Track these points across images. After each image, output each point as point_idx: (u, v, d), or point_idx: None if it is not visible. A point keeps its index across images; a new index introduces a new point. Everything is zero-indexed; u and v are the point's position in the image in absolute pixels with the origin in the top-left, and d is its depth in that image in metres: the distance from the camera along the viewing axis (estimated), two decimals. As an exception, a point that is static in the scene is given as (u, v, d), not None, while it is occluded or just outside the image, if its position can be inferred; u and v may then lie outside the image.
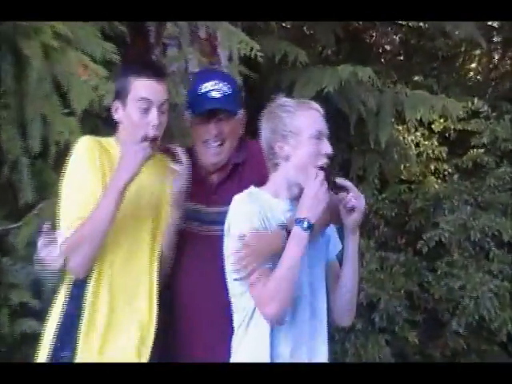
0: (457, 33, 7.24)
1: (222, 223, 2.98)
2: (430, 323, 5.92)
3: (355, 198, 2.92)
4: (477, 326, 5.77)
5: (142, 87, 3.08)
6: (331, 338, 5.11)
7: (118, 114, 3.15)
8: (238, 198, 2.96)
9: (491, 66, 9.49)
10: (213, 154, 3.36)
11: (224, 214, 2.99)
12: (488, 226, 6.16)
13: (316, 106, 3.03)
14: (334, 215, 2.96)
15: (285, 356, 2.89)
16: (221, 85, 3.38)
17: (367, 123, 6.25)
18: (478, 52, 9.03)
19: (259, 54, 4.82)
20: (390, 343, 5.56)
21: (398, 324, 5.67)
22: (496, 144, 6.87)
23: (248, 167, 3.39)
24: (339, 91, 5.85)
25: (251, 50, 4.83)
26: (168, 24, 5.35)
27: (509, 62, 9.62)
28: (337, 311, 3.09)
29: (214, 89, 3.36)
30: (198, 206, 3.37)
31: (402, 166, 6.90)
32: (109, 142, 3.19)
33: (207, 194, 3.39)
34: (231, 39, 5.00)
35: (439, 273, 6.08)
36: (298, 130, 2.93)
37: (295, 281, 2.82)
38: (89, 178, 3.03)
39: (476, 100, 7.07)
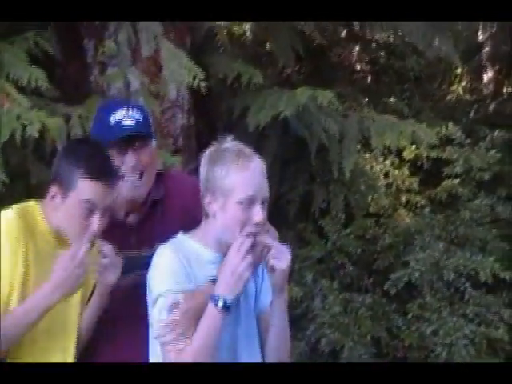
0: (431, 52, 7.19)
1: (144, 267, 2.90)
2: (400, 373, 5.77)
3: (275, 257, 2.81)
4: (450, 376, 5.63)
5: (88, 188, 2.93)
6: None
7: (55, 201, 2.97)
8: (160, 252, 2.86)
9: (470, 87, 9.56)
10: (131, 188, 3.20)
11: (145, 258, 2.95)
12: (463, 264, 6.09)
13: (258, 162, 2.88)
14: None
15: None
16: (132, 112, 3.26)
17: (330, 151, 6.16)
18: (455, 72, 9.09)
19: (202, 83, 4.72)
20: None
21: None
22: (471, 174, 6.80)
23: (169, 204, 3.28)
24: (298, 116, 5.79)
25: (194, 78, 4.72)
26: (107, 41, 5.29)
27: (489, 83, 9.71)
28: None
29: (125, 116, 3.24)
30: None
31: (370, 198, 6.87)
32: (35, 216, 3.02)
33: (124, 237, 3.23)
34: (174, 63, 4.96)
35: (410, 316, 6.00)
36: (228, 191, 2.80)
37: (213, 353, 2.77)
38: (6, 267, 2.90)
39: (451, 125, 6.98)
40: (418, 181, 7.08)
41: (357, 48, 7.73)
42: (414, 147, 7.03)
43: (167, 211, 3.25)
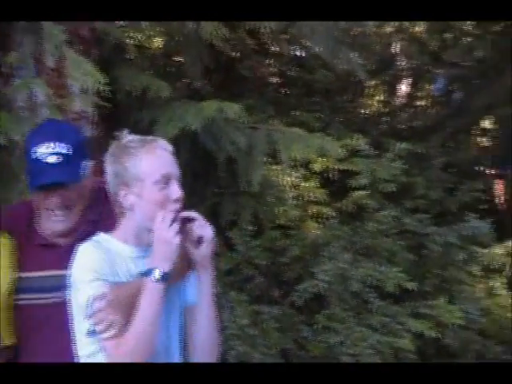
0: (339, 66, 7.29)
1: None
2: (307, 384, 5.79)
3: (201, 227, 2.83)
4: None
5: None
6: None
7: None
8: (81, 249, 2.83)
9: (379, 100, 9.69)
10: (57, 221, 3.10)
11: None
12: (369, 275, 6.16)
13: (163, 144, 2.91)
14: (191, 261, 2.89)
15: None
16: (58, 147, 3.05)
17: (238, 163, 6.19)
18: (365, 85, 9.18)
19: (107, 88, 4.66)
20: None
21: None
22: (377, 185, 6.86)
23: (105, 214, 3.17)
24: (206, 129, 5.79)
25: (99, 83, 4.68)
26: (12, 52, 5.21)
27: (399, 96, 9.86)
28: (199, 352, 3.01)
29: (49, 153, 3.03)
30: (46, 272, 3.13)
31: (278, 210, 6.85)
32: None
33: (54, 256, 3.13)
34: (78, 71, 4.91)
35: (317, 327, 6.02)
36: (142, 177, 2.81)
37: (155, 334, 2.77)
38: None
39: (358, 137, 7.05)
40: (327, 192, 7.09)
41: (266, 61, 7.73)
42: (323, 159, 7.05)
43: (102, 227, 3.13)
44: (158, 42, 6.70)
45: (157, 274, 2.73)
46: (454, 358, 6.50)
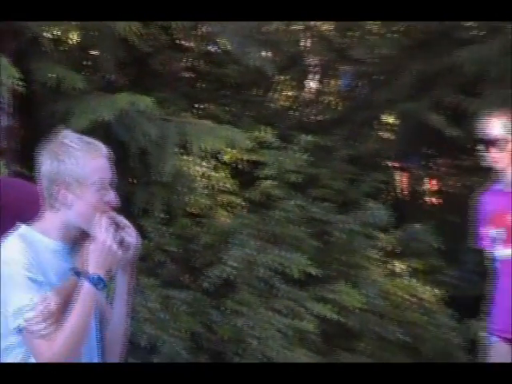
0: (248, 61, 7.34)
1: None
2: (216, 365, 5.86)
3: (130, 234, 2.83)
4: (263, 367, 5.75)
5: None
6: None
7: None
8: (5, 244, 2.78)
9: (288, 95, 9.73)
10: None
11: None
12: (276, 261, 6.23)
13: (102, 149, 2.86)
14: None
15: None
16: None
17: (150, 154, 6.23)
18: (275, 81, 9.23)
19: (21, 82, 4.66)
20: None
21: (181, 367, 5.57)
22: (284, 176, 6.93)
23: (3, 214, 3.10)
24: (119, 121, 5.83)
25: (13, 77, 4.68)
26: None
27: (306, 91, 9.92)
28: (108, 351, 2.98)
29: None
30: None
31: (189, 199, 6.85)
32: None
33: None
34: None
35: (226, 312, 6.08)
36: (83, 179, 2.78)
37: (86, 336, 2.75)
38: None
39: (266, 130, 7.13)
40: (236, 182, 7.13)
41: (178, 56, 7.74)
42: (232, 151, 7.07)
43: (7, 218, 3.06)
44: (74, 36, 6.63)
45: (96, 279, 2.72)
46: (355, 340, 6.65)
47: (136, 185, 6.57)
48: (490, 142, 4.70)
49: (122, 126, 5.97)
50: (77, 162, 2.79)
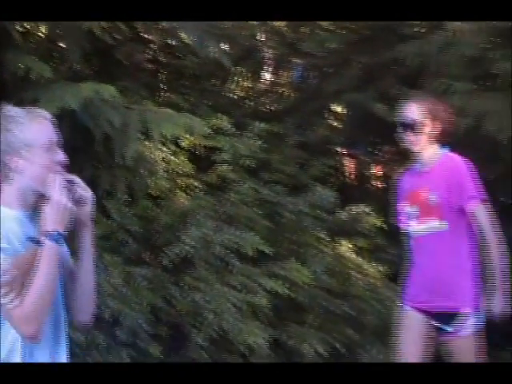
0: (205, 53, 7.38)
1: None
2: (174, 337, 5.89)
3: (82, 189, 2.87)
4: (219, 339, 5.80)
5: None
6: (74, 355, 4.98)
7: None
8: None
9: (243, 85, 9.74)
10: None
11: None
12: (231, 240, 6.25)
13: (44, 113, 2.90)
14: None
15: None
16: None
17: (114, 140, 6.20)
18: (232, 72, 9.23)
19: None
20: (133, 357, 5.47)
21: (142, 338, 5.59)
22: (238, 160, 6.98)
23: None
24: (84, 108, 5.78)
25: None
26: None
27: (261, 82, 9.94)
28: (77, 311, 2.98)
29: None
30: None
31: (150, 182, 6.81)
32: None
33: None
34: None
35: (184, 287, 6.07)
36: (30, 143, 2.80)
37: (53, 297, 2.74)
38: None
39: (222, 118, 7.15)
40: (194, 167, 7.15)
41: (140, 48, 7.72)
42: (191, 137, 7.07)
43: None
44: (42, 29, 6.59)
45: (55, 235, 2.72)
46: (304, 313, 6.68)
47: (100, 169, 6.51)
48: (408, 126, 4.77)
49: (86, 113, 5.93)
50: (23, 128, 2.80)
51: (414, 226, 4.84)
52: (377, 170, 9.66)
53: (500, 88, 6.79)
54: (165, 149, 7.02)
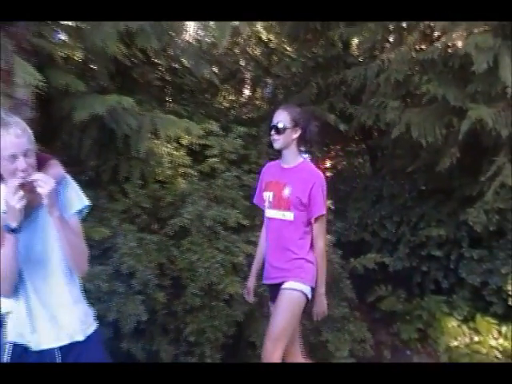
0: (200, 73, 7.36)
1: None
2: (175, 287, 5.88)
3: (39, 186, 2.64)
4: (208, 289, 5.81)
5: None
6: (98, 300, 4.98)
7: None
8: None
9: (229, 99, 9.73)
10: None
11: None
12: (218, 215, 6.21)
13: (15, 127, 2.63)
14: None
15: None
16: None
17: (131, 138, 6.18)
18: (219, 88, 9.21)
19: (41, 83, 4.61)
20: (145, 302, 5.48)
21: (151, 288, 5.60)
22: (224, 155, 6.96)
23: None
24: (109, 114, 5.77)
25: (38, 80, 4.63)
26: None
27: (242, 96, 9.93)
28: (71, 266, 2.88)
29: None
30: None
31: (158, 170, 6.80)
32: None
33: None
34: (22, 70, 4.81)
35: (183, 249, 6.03)
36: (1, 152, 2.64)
37: (12, 275, 2.65)
38: None
39: (212, 123, 7.12)
40: (191, 159, 7.10)
41: (151, 69, 7.69)
42: (189, 137, 6.97)
43: None
44: (78, 54, 6.54)
45: (9, 228, 2.62)
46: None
47: (120, 159, 6.48)
48: (273, 127, 4.52)
49: (111, 118, 5.93)
50: None
51: (269, 210, 4.61)
52: (325, 163, 9.72)
53: (422, 105, 6.86)
54: (169, 145, 6.97)
